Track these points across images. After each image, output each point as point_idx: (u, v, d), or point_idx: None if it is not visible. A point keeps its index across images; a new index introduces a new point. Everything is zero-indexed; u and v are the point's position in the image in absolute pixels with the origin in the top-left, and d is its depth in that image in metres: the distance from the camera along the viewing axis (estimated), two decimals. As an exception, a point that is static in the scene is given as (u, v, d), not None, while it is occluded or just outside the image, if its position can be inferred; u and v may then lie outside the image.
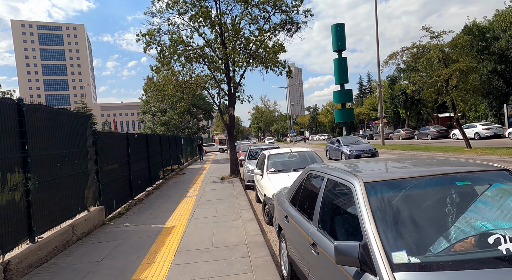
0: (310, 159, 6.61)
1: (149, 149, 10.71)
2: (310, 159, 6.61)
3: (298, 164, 6.42)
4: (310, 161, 6.57)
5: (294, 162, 6.50)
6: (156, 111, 22.60)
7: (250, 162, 10.20)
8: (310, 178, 2.97)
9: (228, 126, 12.31)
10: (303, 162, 6.55)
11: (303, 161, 6.60)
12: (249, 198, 8.10)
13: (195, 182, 11.68)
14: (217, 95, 13.06)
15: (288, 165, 6.34)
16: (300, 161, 6.60)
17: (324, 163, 3.14)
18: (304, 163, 6.51)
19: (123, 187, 7.65)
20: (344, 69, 28.76)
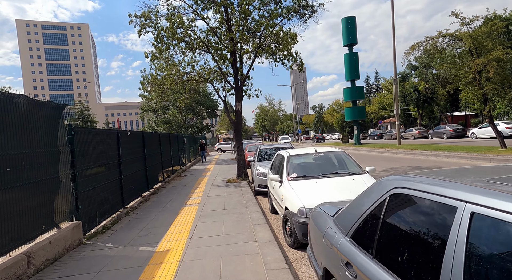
0: (342, 161, 5.27)
1: (146, 149, 9.46)
2: (341, 161, 5.27)
3: (328, 168, 5.09)
4: (342, 164, 5.23)
5: (322, 166, 5.16)
6: (157, 108, 21.41)
7: (261, 164, 8.89)
8: (401, 203, 1.64)
9: (235, 123, 11.01)
10: (334, 166, 5.21)
11: (333, 164, 5.26)
12: (261, 207, 6.79)
13: (198, 186, 10.41)
14: (223, 89, 11.77)
15: (314, 170, 5.01)
16: (329, 164, 5.26)
17: (432, 172, 1.77)
18: (335, 166, 5.18)
19: (112, 194, 6.40)
20: (355, 64, 27.25)
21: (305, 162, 5.29)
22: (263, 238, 4.37)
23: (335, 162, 5.31)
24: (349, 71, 27.42)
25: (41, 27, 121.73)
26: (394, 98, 21.03)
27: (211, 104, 22.63)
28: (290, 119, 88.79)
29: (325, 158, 5.35)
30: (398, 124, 21.05)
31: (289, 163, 5.18)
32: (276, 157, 6.35)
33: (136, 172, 8.28)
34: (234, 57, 10.48)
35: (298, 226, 3.95)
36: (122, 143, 7.27)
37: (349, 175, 4.76)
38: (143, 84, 10.93)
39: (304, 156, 5.40)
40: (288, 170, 5.02)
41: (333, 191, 4.21)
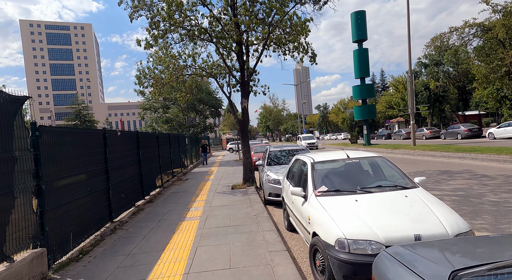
0: (382, 170, 4.11)
1: (141, 151, 8.37)
2: (382, 170, 4.11)
3: (367, 179, 3.93)
4: (383, 173, 4.07)
5: (359, 176, 4.00)
6: (157, 107, 20.35)
7: (271, 169, 7.75)
8: None
9: (241, 122, 9.88)
10: (373, 176, 4.05)
11: (372, 174, 4.10)
12: (275, 223, 5.66)
13: (200, 192, 9.29)
14: (227, 85, 10.64)
15: (350, 182, 3.85)
16: (368, 174, 4.10)
17: None
18: (375, 177, 4.02)
19: (95, 208, 5.30)
20: (365, 61, 25.97)
21: (335, 171, 4.13)
22: (285, 274, 3.23)
23: (374, 171, 4.15)
24: (358, 68, 26.16)
25: (44, 27, 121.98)
26: (409, 96, 19.75)
27: (214, 102, 21.50)
28: (294, 119, 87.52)
29: (361, 166, 4.18)
30: (413, 124, 19.77)
31: (315, 172, 4.03)
32: (295, 163, 5.20)
33: (128, 178, 7.18)
34: (240, 48, 9.35)
35: (337, 264, 2.81)
36: (110, 145, 6.18)
37: (397, 189, 3.60)
38: (139, 79, 9.85)
39: (334, 163, 4.23)
40: (314, 182, 3.87)
41: (383, 214, 3.06)
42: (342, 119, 75.95)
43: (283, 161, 8.37)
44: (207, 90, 21.58)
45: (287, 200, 5.01)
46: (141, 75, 9.98)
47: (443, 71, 37.47)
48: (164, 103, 20.64)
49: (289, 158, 8.43)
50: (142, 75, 10.00)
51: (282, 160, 8.40)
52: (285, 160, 8.37)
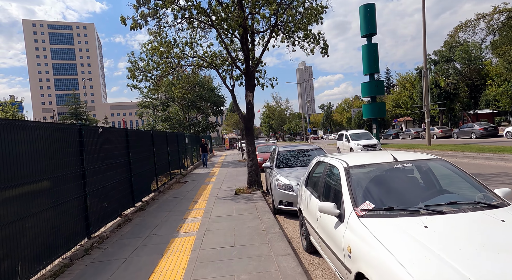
0: (446, 178, 2.95)
1: (132, 151, 7.29)
2: (445, 178, 2.96)
3: (430, 192, 2.78)
4: (447, 182, 2.91)
5: (415, 187, 2.85)
6: (156, 104, 19.29)
7: (281, 172, 6.62)
8: None
9: (246, 118, 8.76)
10: (435, 186, 2.90)
11: (432, 184, 2.95)
12: (290, 241, 4.53)
13: (199, 198, 8.19)
14: (230, 77, 9.53)
15: (407, 196, 2.69)
16: (427, 184, 2.94)
17: None
18: (438, 188, 2.86)
19: (64, 222, 4.21)
20: (374, 56, 24.72)
21: (381, 180, 2.96)
22: None
23: (436, 179, 2.99)
24: (367, 64, 24.92)
25: (47, 27, 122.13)
26: (424, 92, 18.52)
27: (216, 100, 20.38)
28: (297, 118, 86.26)
29: (417, 172, 3.02)
30: (428, 122, 18.53)
31: (352, 181, 2.88)
32: (318, 166, 4.06)
33: (114, 183, 6.09)
34: (245, 34, 8.23)
35: None
36: (89, 144, 5.10)
37: (481, 208, 2.44)
38: (132, 72, 8.77)
39: (377, 168, 3.07)
40: (354, 195, 2.73)
41: (477, 251, 1.91)
42: (347, 118, 74.72)
43: (294, 163, 7.23)
44: (208, 86, 20.50)
45: (307, 213, 3.87)
46: (134, 67, 8.90)
47: (454, 68, 36.02)
48: (164, 101, 19.57)
49: (301, 160, 7.29)
50: (134, 68, 8.93)
51: (293, 162, 7.26)
52: (296, 162, 7.23)
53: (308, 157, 7.40)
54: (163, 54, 7.98)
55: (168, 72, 9.17)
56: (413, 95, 44.17)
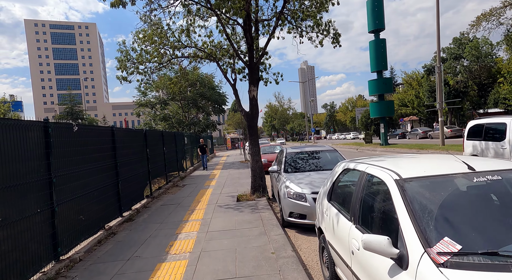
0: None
1: (119, 153, 6.36)
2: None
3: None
4: None
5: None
6: (154, 102, 18.37)
7: (291, 178, 5.65)
8: None
9: (249, 116, 7.81)
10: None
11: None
12: (306, 268, 3.57)
13: (196, 205, 7.24)
14: (231, 70, 8.59)
15: (506, 230, 1.72)
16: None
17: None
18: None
19: (23, 244, 3.29)
20: (382, 53, 23.66)
21: (460, 203, 1.99)
22: None
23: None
24: (375, 61, 23.86)
25: (49, 26, 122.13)
26: (437, 89, 17.49)
27: (217, 98, 19.43)
28: (300, 118, 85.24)
29: (509, 191, 2.04)
30: (442, 121, 17.48)
31: (412, 203, 1.91)
32: (347, 175, 3.09)
33: (95, 190, 5.16)
34: (248, 20, 7.27)
35: None
36: (58, 145, 4.17)
37: None
38: (122, 62, 7.85)
39: (447, 184, 2.08)
40: (422, 227, 1.76)
41: None
42: (351, 118, 73.53)
43: (305, 167, 6.26)
44: (209, 84, 19.57)
45: (333, 238, 2.91)
46: (125, 58, 7.98)
47: (463, 66, 34.84)
48: (162, 99, 18.67)
49: (313, 163, 6.33)
50: (125, 58, 8.01)
51: (305, 166, 6.29)
52: (309, 166, 6.26)
53: (322, 160, 6.44)
54: (156, 43, 7.04)
55: (162, 64, 8.24)
56: (420, 94, 43.00)
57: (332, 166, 6.33)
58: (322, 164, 6.24)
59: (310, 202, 4.91)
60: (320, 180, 5.31)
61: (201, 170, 15.80)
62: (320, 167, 6.11)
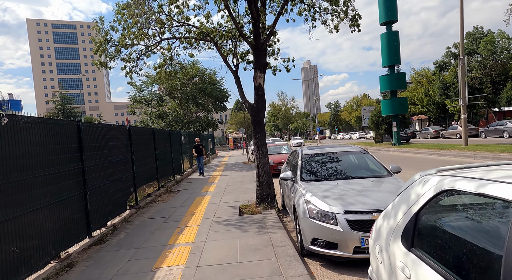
0: None
1: (88, 155, 4.95)
2: None
3: None
4: None
5: None
6: (150, 99, 16.94)
7: (312, 188, 4.18)
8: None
9: (254, 108, 6.35)
10: None
11: None
12: None
13: (189, 221, 5.80)
14: (233, 55, 7.14)
15: None
16: None
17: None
18: None
19: None
20: (395, 46, 22.09)
21: None
22: None
23: None
24: (387, 55, 22.30)
25: (51, 26, 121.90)
26: (460, 83, 15.92)
27: (218, 94, 17.97)
28: (303, 118, 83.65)
29: None
30: (465, 118, 15.91)
31: None
32: (445, 200, 1.62)
33: (43, 208, 3.74)
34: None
35: None
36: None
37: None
38: (99, 44, 6.44)
39: None
40: None
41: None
42: (356, 117, 71.73)
43: (330, 173, 4.76)
44: (210, 79, 18.15)
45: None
46: (103, 38, 6.56)
47: (477, 61, 33.08)
48: (158, 94, 17.26)
49: (340, 169, 4.84)
50: (104, 39, 6.59)
51: (329, 172, 4.79)
52: (334, 173, 4.76)
53: (350, 164, 4.97)
54: (138, 16, 5.61)
55: (150, 48, 6.81)
56: (430, 92, 41.28)
57: (365, 173, 4.72)
58: (352, 170, 4.77)
59: (343, 225, 3.45)
60: (354, 193, 3.86)
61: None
62: (350, 174, 4.64)
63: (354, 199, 3.71)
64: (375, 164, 4.84)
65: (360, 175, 4.54)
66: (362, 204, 3.58)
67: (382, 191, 3.91)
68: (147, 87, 17.24)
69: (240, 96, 6.63)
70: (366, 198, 3.70)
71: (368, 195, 3.80)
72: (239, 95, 6.63)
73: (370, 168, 4.83)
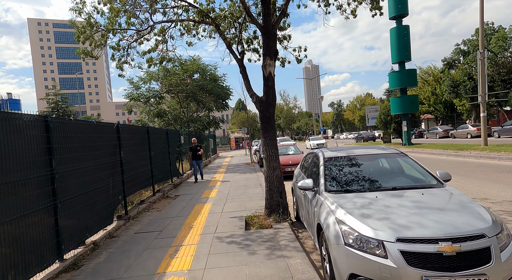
0: None
1: (59, 159, 3.99)
2: None
3: None
4: None
5: None
6: (148, 96, 15.94)
7: (344, 203, 3.17)
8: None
9: (263, 102, 5.37)
10: None
11: None
12: None
13: (186, 237, 4.83)
14: (238, 41, 6.17)
15: None
16: None
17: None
18: None
19: None
20: (405, 41, 21.03)
21: None
22: None
23: None
24: (397, 50, 21.26)
25: (52, 25, 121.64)
26: (479, 78, 14.88)
27: (220, 91, 16.95)
28: (306, 117, 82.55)
29: None
30: (484, 116, 14.86)
31: None
32: None
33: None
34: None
35: None
36: None
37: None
38: (81, 29, 5.49)
39: None
40: None
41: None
42: (360, 116, 70.59)
43: (364, 182, 3.73)
44: (211, 76, 17.17)
45: None
46: (86, 22, 5.61)
47: (488, 58, 31.93)
48: (156, 91, 16.30)
49: (376, 177, 3.83)
50: (87, 24, 5.64)
51: (362, 181, 3.76)
52: (369, 181, 3.73)
53: (388, 171, 3.97)
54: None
55: (141, 33, 5.85)
56: (437, 91, 40.18)
57: (409, 182, 3.61)
58: (390, 178, 3.78)
59: (395, 258, 2.47)
60: (404, 211, 2.86)
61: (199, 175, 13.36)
62: (389, 183, 3.64)
63: (407, 220, 2.71)
64: (419, 171, 3.84)
65: (404, 185, 3.54)
66: (421, 227, 2.59)
67: (444, 209, 2.91)
68: (145, 83, 16.27)
69: (246, 89, 5.65)
70: (424, 219, 2.71)
71: (425, 214, 2.80)
72: (245, 87, 5.64)
73: (412, 175, 3.83)
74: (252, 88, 5.70)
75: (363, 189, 3.55)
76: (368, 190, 3.50)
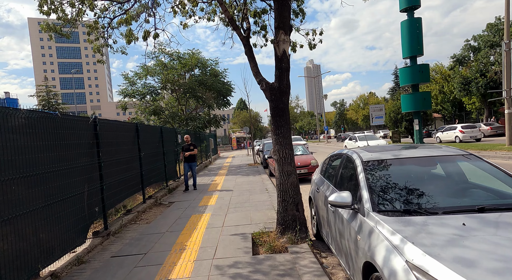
0: None
1: (8, 163, 2.84)
2: None
3: None
4: None
5: None
6: (144, 92, 14.84)
7: (411, 234, 2.00)
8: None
9: (275, 89, 4.22)
10: None
11: None
12: None
13: (176, 264, 3.68)
14: (243, 16, 5.02)
15: None
16: None
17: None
18: None
19: None
20: (417, 34, 19.82)
21: None
22: None
23: None
24: (408, 44, 20.03)
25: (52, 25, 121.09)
26: (504, 72, 13.66)
27: (221, 87, 15.79)
28: (308, 117, 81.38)
29: None
30: (509, 114, 13.64)
31: None
32: None
33: None
34: None
35: None
36: None
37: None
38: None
39: None
40: None
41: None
42: (363, 116, 69.25)
43: (433, 199, 2.54)
44: (212, 71, 16.04)
45: None
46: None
47: (500, 54, 30.61)
48: (151, 86, 15.19)
49: (447, 186, 2.67)
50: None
51: (430, 198, 2.57)
52: (441, 198, 2.56)
53: (457, 180, 2.81)
54: None
55: (121, 2, 4.71)
56: (444, 89, 38.91)
57: (497, 198, 2.39)
58: (469, 192, 2.62)
59: None
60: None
61: (200, 176, 12.22)
62: (471, 199, 2.48)
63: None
64: (504, 179, 2.67)
65: (495, 203, 2.37)
66: None
67: None
68: (140, 79, 15.17)
69: (253, 73, 4.50)
70: None
71: None
72: (252, 71, 4.49)
73: (497, 188, 2.65)
74: (260, 73, 4.53)
75: (433, 209, 2.37)
76: (442, 211, 2.32)
